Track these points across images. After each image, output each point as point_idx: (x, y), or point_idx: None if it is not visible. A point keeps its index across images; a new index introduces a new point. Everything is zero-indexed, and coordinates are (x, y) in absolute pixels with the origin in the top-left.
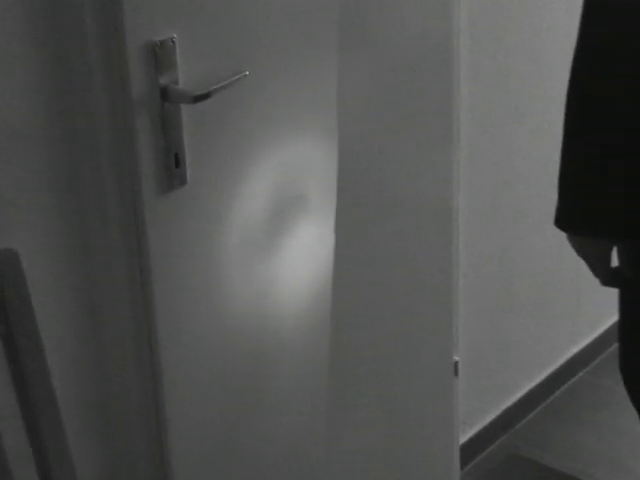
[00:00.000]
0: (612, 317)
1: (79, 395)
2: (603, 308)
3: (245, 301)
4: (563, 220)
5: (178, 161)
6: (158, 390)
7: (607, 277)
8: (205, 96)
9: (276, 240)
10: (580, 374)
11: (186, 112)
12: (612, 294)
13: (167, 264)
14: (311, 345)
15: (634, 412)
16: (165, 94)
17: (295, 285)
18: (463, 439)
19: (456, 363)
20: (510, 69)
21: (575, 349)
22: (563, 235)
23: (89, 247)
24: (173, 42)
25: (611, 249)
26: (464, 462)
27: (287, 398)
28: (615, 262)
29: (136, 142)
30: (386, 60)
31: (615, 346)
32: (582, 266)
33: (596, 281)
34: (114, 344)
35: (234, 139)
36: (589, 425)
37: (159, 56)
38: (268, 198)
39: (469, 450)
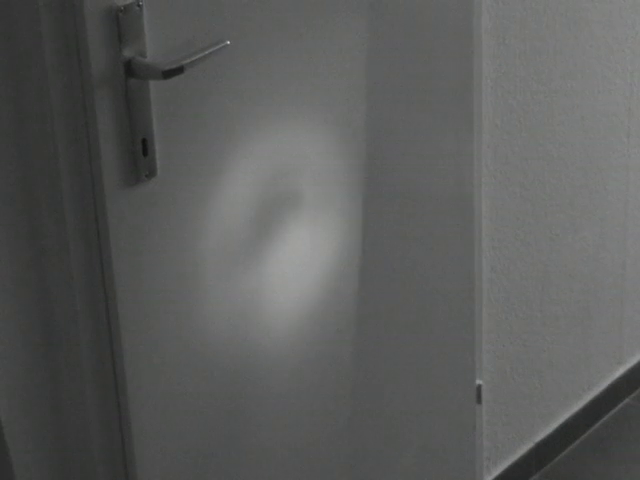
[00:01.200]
0: None
1: (30, 424)
2: None
3: (225, 315)
4: None
5: (146, 148)
6: (123, 424)
7: None
8: (177, 71)
9: (262, 244)
10: (626, 400)
11: (155, 90)
12: None
13: (133, 270)
14: (306, 370)
15: None
16: (130, 69)
17: (286, 298)
18: (487, 478)
19: (479, 387)
20: (542, 40)
21: (620, 371)
22: (605, 235)
23: (41, 251)
24: (139, 6)
25: None
26: None
27: (279, 437)
28: None
29: (96, 126)
30: (397, 27)
31: None
32: (628, 272)
33: None
34: (70, 367)
35: (212, 122)
36: (637, 461)
37: (122, 23)
38: (253, 194)
39: None
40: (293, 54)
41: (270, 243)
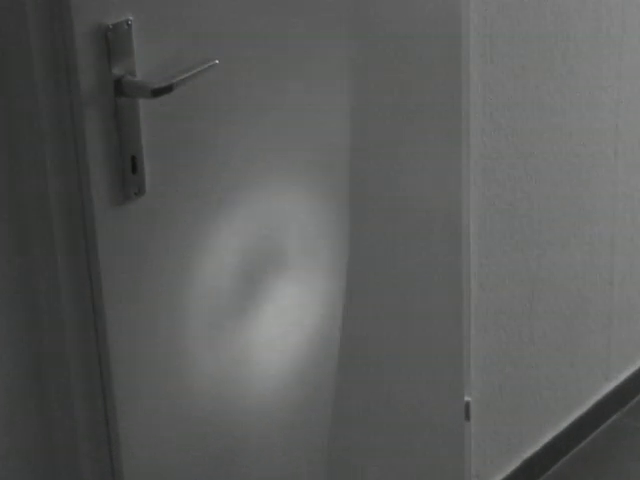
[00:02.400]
0: None
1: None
2: None
3: (216, 350)
4: None
5: (135, 166)
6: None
7: None
8: (167, 89)
9: (258, 264)
10: (615, 416)
11: (144, 108)
12: None
13: (122, 288)
14: (291, 422)
15: None
16: (119, 87)
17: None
18: None
19: (467, 404)
20: (530, 58)
21: (608, 387)
22: (593, 252)
23: (29, 269)
24: (128, 25)
25: None
26: None
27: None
28: None
29: (85, 144)
30: (384, 47)
31: None
32: (616, 289)
33: (633, 307)
34: (58, 400)
35: (201, 140)
36: (627, 477)
37: (112, 42)
38: (245, 211)
39: None
40: (282, 73)
41: (264, 265)
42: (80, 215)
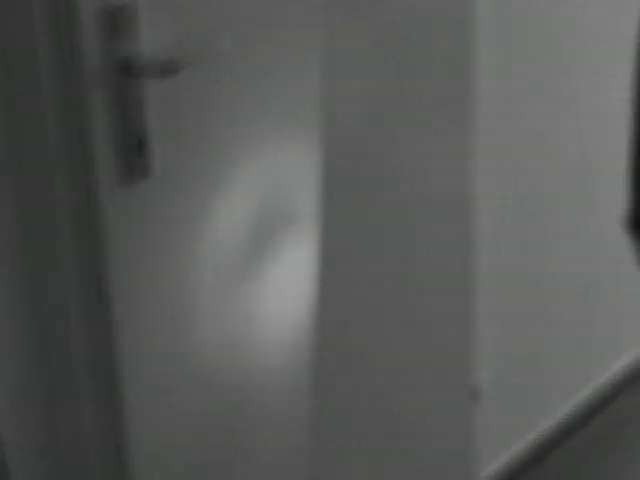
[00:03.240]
0: None
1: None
2: None
3: (222, 325)
4: (636, 222)
5: (141, 149)
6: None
7: None
8: (173, 70)
9: (262, 246)
10: (625, 394)
11: (151, 89)
12: None
13: (129, 271)
14: (300, 378)
15: None
16: (126, 68)
17: (283, 304)
18: (484, 475)
19: (476, 384)
20: (540, 40)
21: (619, 365)
22: (602, 233)
23: (35, 253)
24: (134, 5)
25: None
26: None
27: (271, 443)
28: None
29: (90, 126)
30: (390, 27)
31: None
32: (625, 270)
33: None
34: (65, 369)
35: (209, 121)
36: (636, 455)
37: (118, 22)
38: (251, 193)
39: None
40: (291, 52)
41: (268, 245)
42: (86, 198)
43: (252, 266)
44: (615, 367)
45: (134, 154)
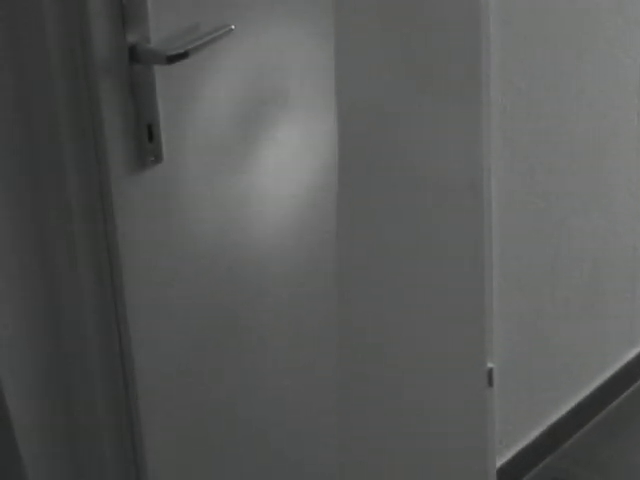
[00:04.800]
0: None
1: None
2: None
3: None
4: None
5: (151, 134)
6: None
7: None
8: (182, 56)
9: (280, 229)
10: (639, 382)
11: (160, 75)
12: None
13: (140, 257)
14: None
15: None
16: (134, 54)
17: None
18: (500, 462)
19: (490, 371)
20: (550, 22)
21: (633, 352)
22: (616, 219)
23: (45, 240)
24: None
25: None
26: None
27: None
28: None
29: (100, 112)
30: (402, 9)
31: None
32: (639, 254)
33: None
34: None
35: (218, 106)
36: None
37: (126, 8)
38: (264, 176)
39: (507, 475)
40: (300, 37)
41: (283, 234)
42: (97, 184)
43: (269, 251)
44: (629, 355)
45: (144, 140)
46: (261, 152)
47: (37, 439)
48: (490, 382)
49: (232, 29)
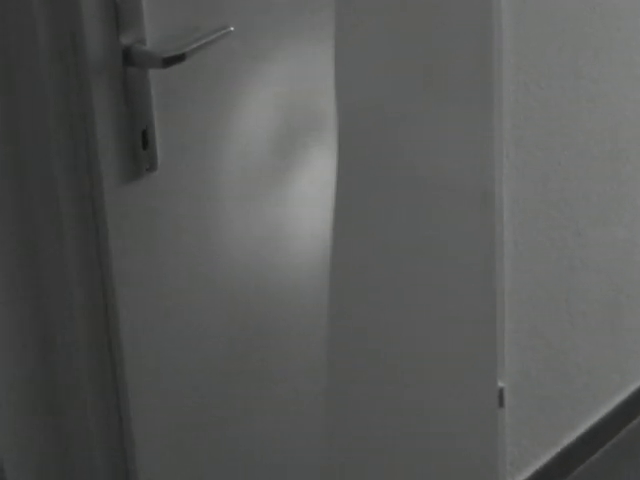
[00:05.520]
0: None
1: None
2: None
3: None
4: None
5: (146, 140)
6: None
7: None
8: (179, 58)
9: (276, 241)
10: None
11: (155, 79)
12: None
13: (134, 270)
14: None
15: None
16: (129, 57)
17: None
18: None
19: (501, 390)
20: (566, 22)
21: None
22: (635, 229)
23: (36, 250)
24: None
25: None
26: None
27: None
28: None
29: (93, 118)
30: (413, 11)
31: None
32: None
33: None
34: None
35: (216, 112)
36: None
37: (121, 9)
38: (262, 184)
39: None
40: (300, 40)
41: (283, 245)
42: (89, 193)
43: (265, 267)
44: None
45: (139, 147)
46: (261, 159)
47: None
48: (501, 402)
49: (231, 30)
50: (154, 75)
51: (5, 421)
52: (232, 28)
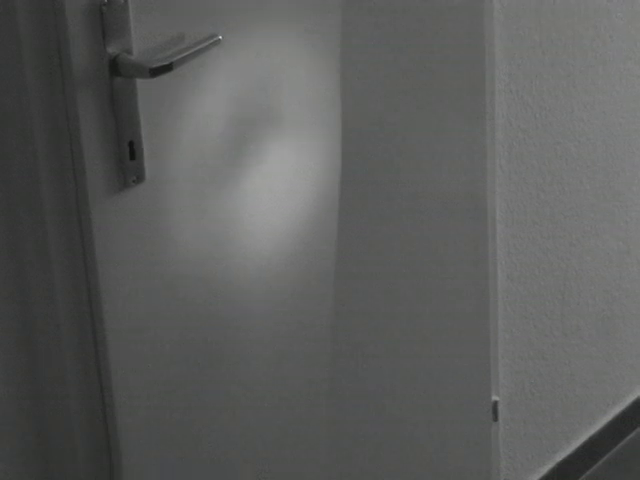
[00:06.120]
0: None
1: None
2: None
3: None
4: None
5: (133, 151)
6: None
7: None
8: (166, 68)
9: (270, 251)
10: None
11: (142, 89)
12: None
13: (120, 283)
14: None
15: None
16: (115, 67)
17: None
18: None
19: (495, 404)
20: (559, 31)
21: None
22: (629, 240)
23: (21, 263)
24: (125, 1)
25: None
26: None
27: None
28: None
29: (79, 128)
30: (406, 18)
31: None
32: None
33: None
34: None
35: (204, 122)
36: None
37: (107, 18)
38: (253, 199)
39: None
40: (290, 49)
41: (273, 258)
42: (75, 205)
43: (255, 275)
44: None
45: (126, 158)
46: (250, 172)
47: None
48: (495, 416)
49: (219, 39)
50: (141, 85)
51: None
52: (220, 37)
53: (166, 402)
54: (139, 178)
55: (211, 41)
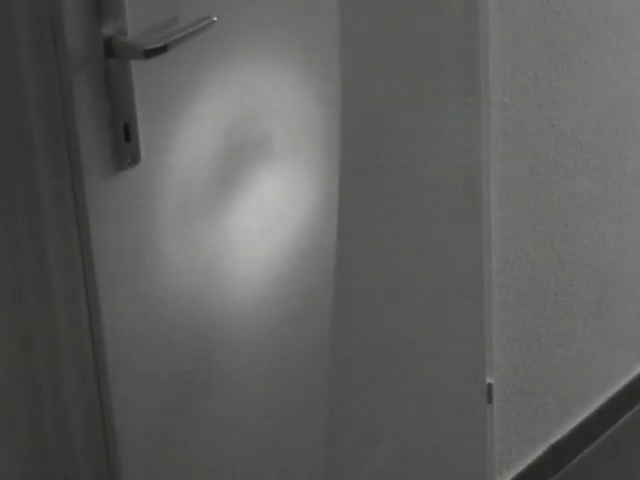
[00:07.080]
0: None
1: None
2: None
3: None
4: None
5: (128, 133)
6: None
7: None
8: (161, 50)
9: (261, 237)
10: None
11: (137, 70)
12: None
13: (115, 265)
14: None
15: None
16: (110, 48)
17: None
18: None
19: (490, 386)
20: (553, 11)
21: None
22: (623, 222)
23: (15, 246)
24: None
25: None
26: None
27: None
28: None
29: (73, 111)
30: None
31: None
32: None
33: None
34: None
35: (198, 104)
36: None
37: (102, 0)
38: (248, 180)
39: None
40: (285, 31)
41: (268, 237)
42: (69, 188)
43: (250, 254)
44: (638, 369)
45: (121, 140)
46: (248, 152)
47: None
48: (489, 398)
49: (214, 21)
50: (136, 67)
51: None
52: (215, 18)
53: (166, 402)
54: (134, 160)
55: (206, 22)
